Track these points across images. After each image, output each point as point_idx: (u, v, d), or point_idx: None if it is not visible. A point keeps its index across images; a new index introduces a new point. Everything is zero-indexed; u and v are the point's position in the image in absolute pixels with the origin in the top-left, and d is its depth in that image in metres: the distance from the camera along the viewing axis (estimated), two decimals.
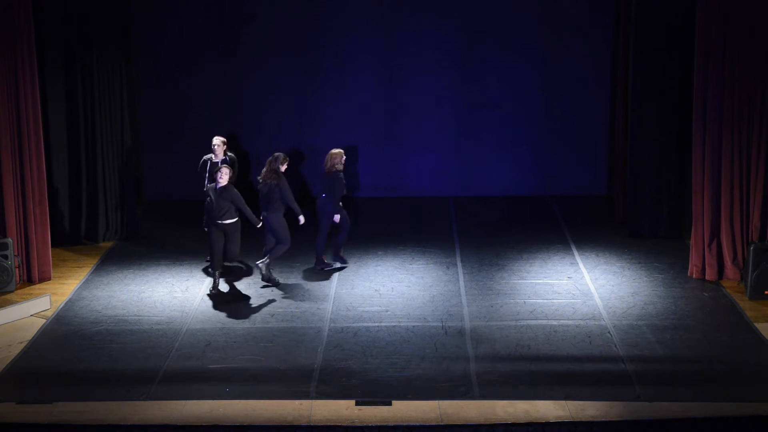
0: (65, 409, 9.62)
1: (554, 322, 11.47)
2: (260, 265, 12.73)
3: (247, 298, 12.38)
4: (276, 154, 12.84)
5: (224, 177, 12.32)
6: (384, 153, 16.33)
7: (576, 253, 13.83)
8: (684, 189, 14.05)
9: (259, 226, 12.64)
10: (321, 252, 13.33)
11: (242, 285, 12.78)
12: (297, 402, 9.71)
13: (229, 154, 13.28)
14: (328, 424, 9.32)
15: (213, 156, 13.23)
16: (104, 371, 10.42)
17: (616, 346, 10.86)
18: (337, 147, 13.37)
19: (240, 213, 12.47)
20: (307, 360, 10.63)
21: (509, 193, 16.48)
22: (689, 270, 12.93)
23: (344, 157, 13.19)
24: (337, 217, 13.16)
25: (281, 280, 12.86)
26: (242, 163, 14.67)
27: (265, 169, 12.79)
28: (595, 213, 15.72)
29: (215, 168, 12.65)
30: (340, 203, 13.27)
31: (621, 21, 14.97)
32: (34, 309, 11.97)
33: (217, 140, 13.26)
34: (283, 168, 12.75)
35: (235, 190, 12.42)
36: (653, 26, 13.76)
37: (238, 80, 16.26)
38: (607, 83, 15.98)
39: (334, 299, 12.30)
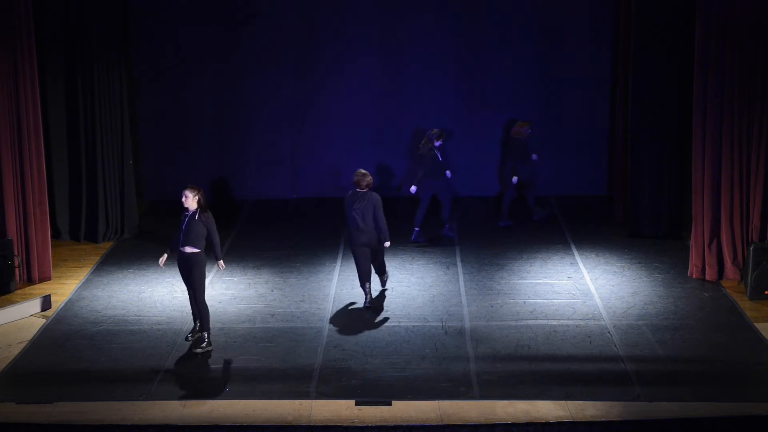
0: (65, 409, 9.61)
1: (554, 322, 11.47)
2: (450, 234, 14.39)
3: (247, 298, 12.37)
4: (433, 129, 14.15)
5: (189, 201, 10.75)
6: (384, 153, 16.30)
7: (576, 253, 13.82)
8: (684, 189, 14.05)
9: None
10: (506, 208, 15.10)
11: (242, 285, 12.77)
12: (297, 402, 9.70)
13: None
14: (328, 424, 9.32)
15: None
16: (104, 371, 10.42)
17: (616, 346, 10.86)
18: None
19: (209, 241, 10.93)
20: (307, 360, 10.63)
21: None
22: (689, 270, 12.92)
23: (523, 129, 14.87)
24: (515, 179, 15.00)
25: (281, 281, 12.87)
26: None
27: (424, 141, 14.18)
28: (595, 213, 15.70)
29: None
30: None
31: (621, 21, 14.97)
32: (34, 309, 11.97)
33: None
34: (438, 142, 14.08)
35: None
36: (653, 26, 13.75)
37: (238, 80, 16.23)
38: (607, 83, 15.97)
39: (334, 299, 12.29)
